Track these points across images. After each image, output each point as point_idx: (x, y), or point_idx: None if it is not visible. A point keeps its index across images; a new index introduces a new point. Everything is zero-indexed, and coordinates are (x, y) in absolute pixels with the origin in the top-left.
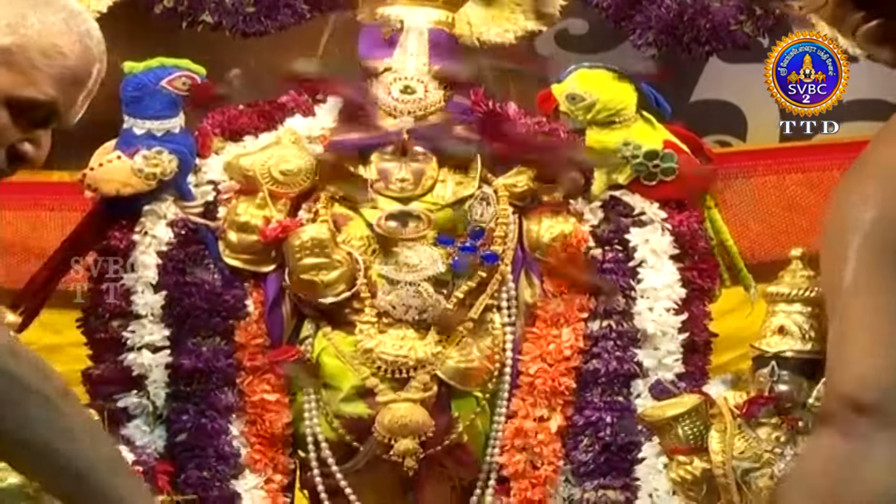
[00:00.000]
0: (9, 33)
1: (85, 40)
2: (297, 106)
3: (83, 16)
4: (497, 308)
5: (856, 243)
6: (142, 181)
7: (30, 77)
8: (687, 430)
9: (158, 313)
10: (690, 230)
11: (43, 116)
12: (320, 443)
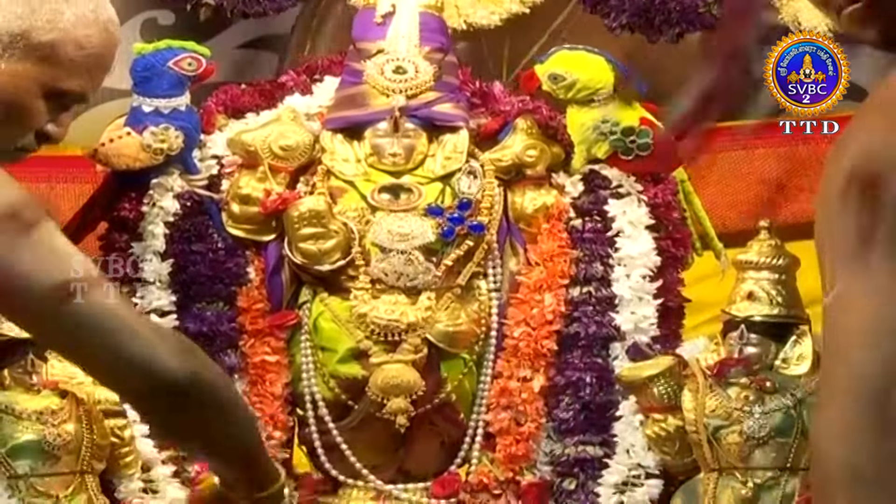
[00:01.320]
0: (49, 30)
1: (109, 27)
2: (295, 85)
3: (105, 4)
4: (483, 275)
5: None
6: (150, 156)
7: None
8: (661, 390)
9: (165, 280)
10: (665, 202)
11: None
12: (317, 401)
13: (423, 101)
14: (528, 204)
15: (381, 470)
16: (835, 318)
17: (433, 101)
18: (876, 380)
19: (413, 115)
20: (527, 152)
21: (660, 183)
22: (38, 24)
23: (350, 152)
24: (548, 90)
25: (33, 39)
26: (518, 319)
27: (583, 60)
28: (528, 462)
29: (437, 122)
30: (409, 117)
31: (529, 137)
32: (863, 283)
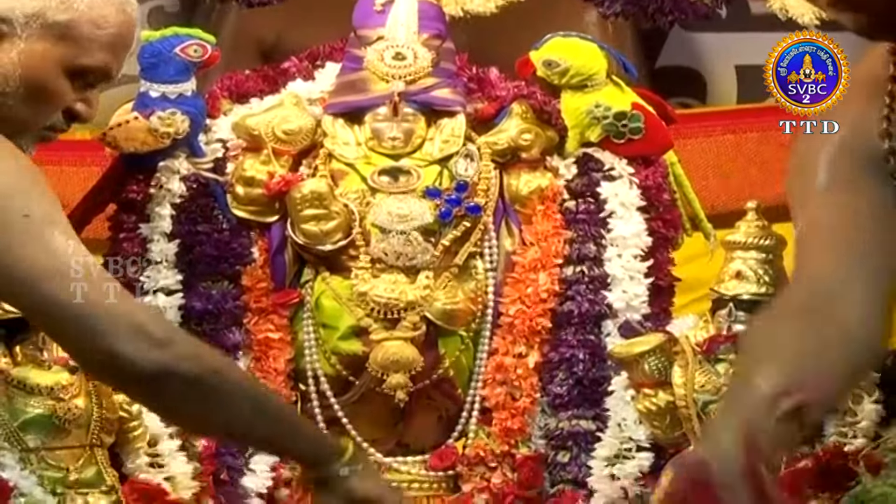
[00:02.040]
0: (63, 10)
1: (125, 7)
2: (298, 71)
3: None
4: (480, 255)
5: (825, 156)
6: (157, 139)
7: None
8: (652, 366)
9: (172, 260)
10: (656, 184)
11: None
12: (319, 377)
13: (421, 87)
14: (523, 186)
15: (381, 443)
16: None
17: (431, 87)
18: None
19: (412, 100)
20: (522, 136)
21: (651, 165)
22: (52, 5)
23: (351, 136)
24: (542, 76)
25: (49, 19)
26: (513, 298)
27: (576, 47)
28: (523, 436)
29: (435, 106)
30: (408, 102)
31: (524, 122)
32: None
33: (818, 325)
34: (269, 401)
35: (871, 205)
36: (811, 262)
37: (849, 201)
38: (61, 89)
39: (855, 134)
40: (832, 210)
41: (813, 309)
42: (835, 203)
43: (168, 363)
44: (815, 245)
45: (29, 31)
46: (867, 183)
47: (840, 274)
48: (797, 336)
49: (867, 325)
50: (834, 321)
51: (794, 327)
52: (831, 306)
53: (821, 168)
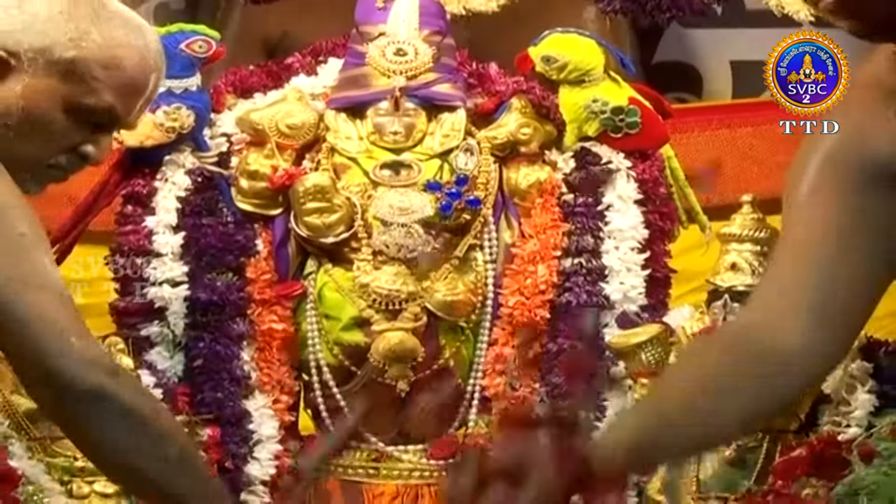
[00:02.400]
0: (72, 47)
1: (143, 52)
2: (301, 67)
3: (143, 29)
4: (480, 247)
5: (816, 161)
6: (162, 134)
7: (90, 87)
8: (649, 356)
9: (178, 252)
10: (652, 177)
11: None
12: (322, 367)
13: (422, 82)
14: (522, 179)
15: (382, 432)
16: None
17: (432, 82)
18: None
19: (413, 95)
20: (521, 130)
21: (647, 159)
22: (61, 41)
23: (353, 130)
24: (541, 71)
25: (55, 55)
26: (513, 289)
27: (574, 43)
28: None
29: (435, 101)
30: (410, 97)
31: (524, 116)
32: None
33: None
34: (195, 458)
35: (849, 217)
36: (768, 283)
37: (824, 216)
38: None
39: (851, 142)
40: (804, 224)
41: (748, 340)
42: (808, 218)
43: (110, 387)
44: (777, 263)
45: (35, 66)
46: (853, 195)
47: (791, 300)
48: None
49: (805, 356)
50: (764, 355)
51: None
52: (771, 336)
53: (805, 177)
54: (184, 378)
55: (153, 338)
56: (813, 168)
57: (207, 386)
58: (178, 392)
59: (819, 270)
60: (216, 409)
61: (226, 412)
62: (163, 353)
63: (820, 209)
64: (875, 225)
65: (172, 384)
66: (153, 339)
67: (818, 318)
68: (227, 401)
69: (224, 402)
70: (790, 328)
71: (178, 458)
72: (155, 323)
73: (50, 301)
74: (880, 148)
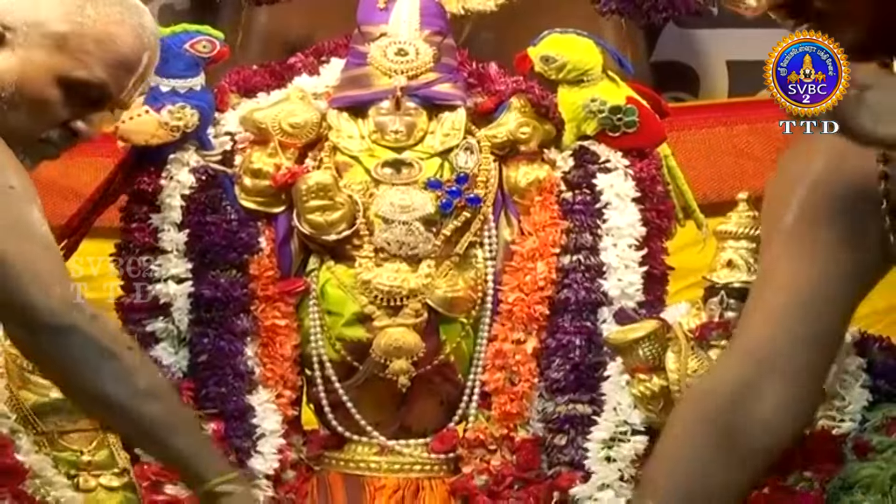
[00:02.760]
0: (65, 21)
1: (137, 30)
2: (304, 66)
3: (138, 8)
4: (480, 244)
5: (799, 193)
6: (167, 132)
7: (82, 61)
8: (647, 352)
9: (182, 249)
10: (650, 175)
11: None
12: (324, 362)
13: (423, 82)
14: (521, 178)
15: (384, 426)
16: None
17: (433, 82)
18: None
19: (414, 95)
20: (520, 129)
21: (645, 158)
22: (54, 16)
23: (355, 129)
24: (540, 71)
25: (49, 28)
26: (512, 286)
27: (573, 43)
28: (522, 419)
29: (436, 101)
30: (411, 96)
31: (523, 115)
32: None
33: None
34: (168, 391)
35: (833, 259)
36: (747, 331)
37: (804, 250)
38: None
39: (835, 169)
40: (786, 265)
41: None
42: (790, 254)
43: (86, 326)
44: (756, 307)
45: (29, 40)
46: (839, 229)
47: (772, 351)
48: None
49: (793, 411)
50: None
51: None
52: (755, 398)
53: (790, 209)
54: (188, 373)
55: (158, 333)
56: (797, 201)
57: (212, 381)
58: (183, 387)
59: (789, 333)
60: (220, 404)
61: (230, 407)
62: (167, 349)
63: (796, 260)
64: (849, 268)
65: (177, 379)
66: (158, 334)
67: (790, 382)
68: (231, 396)
69: (228, 397)
70: (779, 396)
71: (148, 389)
72: (160, 319)
73: (36, 251)
74: (857, 171)
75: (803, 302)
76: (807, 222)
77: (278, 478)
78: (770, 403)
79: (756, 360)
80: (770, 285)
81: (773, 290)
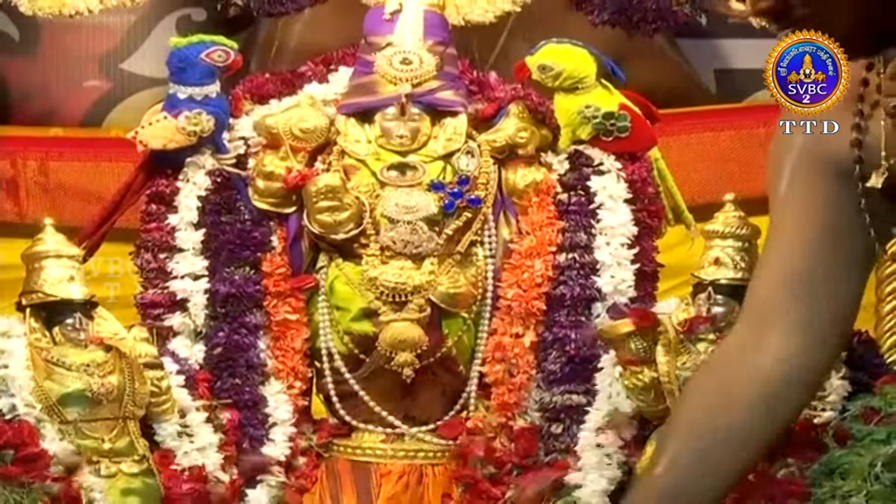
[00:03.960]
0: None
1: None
2: (313, 74)
3: None
4: (480, 243)
5: (789, 161)
6: (184, 137)
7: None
8: (638, 345)
9: (198, 247)
10: (641, 178)
11: None
12: (333, 355)
13: (426, 89)
14: (519, 180)
15: (389, 415)
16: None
17: (436, 89)
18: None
19: (418, 101)
20: (519, 134)
21: (636, 161)
22: None
23: (362, 134)
24: (537, 79)
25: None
26: (511, 282)
27: (568, 53)
28: (520, 409)
29: (439, 107)
30: (415, 103)
31: (521, 121)
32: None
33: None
34: None
35: (823, 216)
36: (750, 292)
37: (799, 216)
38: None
39: (818, 141)
40: (782, 226)
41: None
42: (784, 219)
43: None
44: (759, 270)
45: None
46: (824, 192)
47: (770, 306)
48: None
49: (795, 362)
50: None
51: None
52: (754, 350)
53: (783, 178)
54: (204, 365)
55: (176, 328)
56: (787, 169)
57: (226, 373)
58: (199, 378)
59: (801, 288)
60: (235, 395)
61: (244, 397)
62: (185, 342)
63: (794, 220)
64: (837, 228)
65: (194, 371)
66: (176, 328)
67: (788, 336)
68: (245, 387)
69: (242, 388)
70: (776, 348)
71: None
72: (177, 314)
73: None
74: (841, 147)
75: (801, 261)
76: (793, 191)
77: (289, 464)
78: (769, 356)
79: (757, 316)
80: (771, 247)
81: (774, 251)
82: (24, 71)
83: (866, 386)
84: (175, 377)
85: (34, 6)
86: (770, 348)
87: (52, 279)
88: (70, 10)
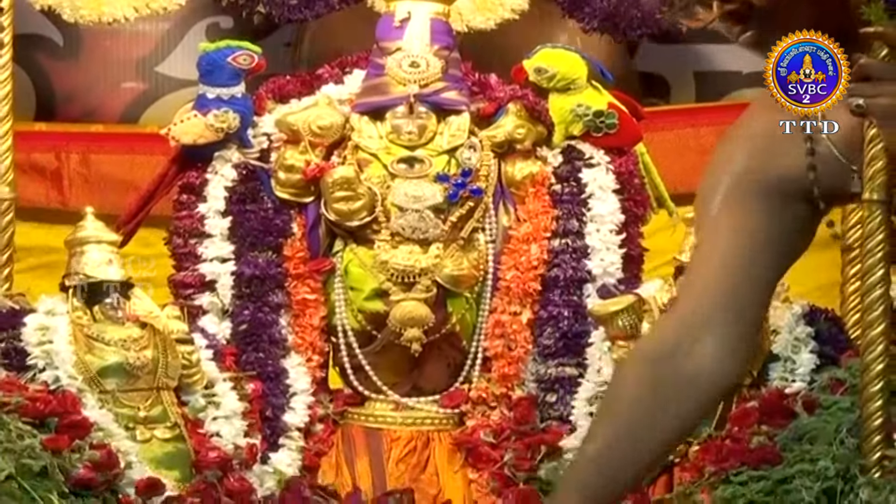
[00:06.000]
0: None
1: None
2: (330, 76)
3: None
4: (481, 230)
5: (726, 183)
6: (213, 133)
7: None
8: (625, 322)
9: (225, 233)
10: (628, 170)
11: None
12: (348, 331)
13: (433, 90)
14: (517, 172)
15: (399, 386)
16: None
17: (441, 90)
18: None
19: (425, 101)
20: (517, 130)
21: (624, 155)
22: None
23: (374, 130)
24: (533, 80)
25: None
26: (509, 265)
27: (562, 56)
28: (518, 380)
29: (444, 106)
30: (422, 102)
31: (519, 118)
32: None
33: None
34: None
35: (757, 231)
36: (683, 300)
37: (732, 227)
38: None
39: (757, 166)
40: (714, 241)
41: (665, 357)
42: (714, 234)
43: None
44: (690, 280)
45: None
46: (753, 216)
47: (702, 316)
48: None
49: (718, 367)
50: (679, 374)
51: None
52: (685, 355)
53: (714, 202)
54: (231, 341)
55: (205, 306)
56: (720, 193)
57: (251, 347)
58: (226, 353)
59: (734, 301)
60: (258, 367)
61: (267, 370)
62: (213, 320)
63: (723, 237)
64: (772, 238)
65: (221, 346)
66: (205, 307)
67: (716, 343)
68: (268, 360)
69: (265, 361)
70: (704, 346)
71: None
72: (206, 294)
73: None
74: (791, 166)
75: (727, 273)
76: (729, 209)
77: (308, 430)
78: (702, 364)
79: (687, 324)
80: (699, 260)
81: (702, 263)
82: (68, 73)
83: (832, 359)
84: (204, 351)
85: (76, 14)
86: (704, 355)
87: (92, 262)
88: (108, 17)
